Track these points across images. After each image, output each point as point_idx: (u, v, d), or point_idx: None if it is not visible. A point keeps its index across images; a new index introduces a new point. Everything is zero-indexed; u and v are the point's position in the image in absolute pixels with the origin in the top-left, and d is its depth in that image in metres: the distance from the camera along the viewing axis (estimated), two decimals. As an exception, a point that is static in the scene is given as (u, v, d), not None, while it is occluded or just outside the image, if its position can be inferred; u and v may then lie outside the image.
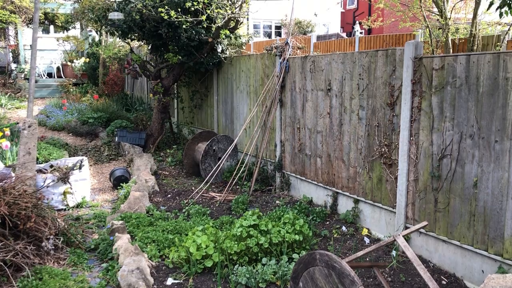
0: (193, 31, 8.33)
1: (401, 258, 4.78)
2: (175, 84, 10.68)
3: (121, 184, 7.37)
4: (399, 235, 3.68)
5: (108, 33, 11.16)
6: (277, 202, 6.82)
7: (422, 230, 4.76)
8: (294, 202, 6.76)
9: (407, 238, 4.93)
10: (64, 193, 6.40)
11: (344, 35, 20.52)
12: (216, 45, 9.08)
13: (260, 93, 7.74)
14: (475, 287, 4.20)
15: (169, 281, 4.32)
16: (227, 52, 9.27)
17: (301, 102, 6.79)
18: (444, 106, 4.43)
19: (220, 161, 7.72)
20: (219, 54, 9.21)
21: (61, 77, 18.56)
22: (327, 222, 5.98)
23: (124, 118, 12.00)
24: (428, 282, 3.43)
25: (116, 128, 10.79)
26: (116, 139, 10.28)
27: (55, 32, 21.27)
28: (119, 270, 4.30)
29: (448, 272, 4.51)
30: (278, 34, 26.97)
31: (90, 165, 9.06)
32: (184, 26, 8.05)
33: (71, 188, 6.46)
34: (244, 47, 9.82)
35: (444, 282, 4.34)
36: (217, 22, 8.13)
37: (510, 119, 3.83)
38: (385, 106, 5.20)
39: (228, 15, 8.24)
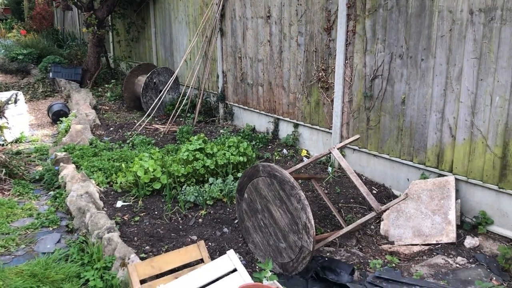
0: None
1: (336, 174, 5.18)
2: (110, 15, 10.24)
3: (61, 119, 7.22)
4: (334, 147, 3.99)
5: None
6: (221, 131, 7.00)
7: (355, 147, 5.15)
8: (238, 130, 6.97)
9: (342, 155, 5.32)
10: (0, 128, 6.20)
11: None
12: (151, -27, 8.73)
13: (200, 23, 7.65)
14: (401, 193, 4.68)
15: (119, 203, 4.46)
16: (164, -19, 8.96)
17: (241, 30, 6.81)
18: (377, 29, 4.67)
19: (161, 93, 7.69)
20: (155, -17, 8.88)
21: (-19, 12, 17.10)
22: (269, 147, 6.27)
23: (57, 54, 11.45)
24: (359, 188, 3.80)
25: (49, 64, 10.33)
26: (51, 75, 9.87)
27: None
28: (67, 196, 4.38)
29: (379, 183, 4.97)
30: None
31: (25, 102, 8.71)
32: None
33: (7, 123, 6.25)
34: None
35: (374, 192, 4.79)
36: None
37: (434, 38, 4.13)
38: (322, 31, 5.37)
39: None
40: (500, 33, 3.65)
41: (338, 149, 4.04)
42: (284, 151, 6.03)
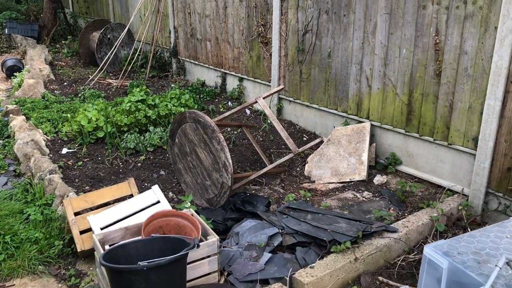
0: None
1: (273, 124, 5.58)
2: (65, -30, 10.15)
3: (15, 74, 7.35)
4: (259, 97, 4.37)
5: None
6: (172, 86, 7.27)
7: (291, 99, 5.53)
8: (189, 85, 7.25)
9: (280, 106, 5.71)
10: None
11: None
12: None
13: (151, -21, 7.75)
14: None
15: (64, 150, 4.77)
16: None
17: (189, -14, 6.99)
18: (306, -14, 4.97)
19: (113, 47, 7.85)
20: None
21: None
22: (216, 100, 6.61)
23: (15, 10, 11.36)
24: (280, 133, 4.21)
25: (5, 19, 10.26)
26: (6, 31, 9.84)
27: None
28: (15, 144, 4.66)
29: (310, 131, 5.40)
30: None
31: (-20, 58, 8.75)
32: None
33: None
34: None
35: (305, 138, 5.23)
36: None
37: (354, -5, 4.47)
38: (261, -13, 5.63)
39: None
40: (406, -10, 4.01)
41: (264, 98, 4.42)
42: (229, 103, 6.38)
